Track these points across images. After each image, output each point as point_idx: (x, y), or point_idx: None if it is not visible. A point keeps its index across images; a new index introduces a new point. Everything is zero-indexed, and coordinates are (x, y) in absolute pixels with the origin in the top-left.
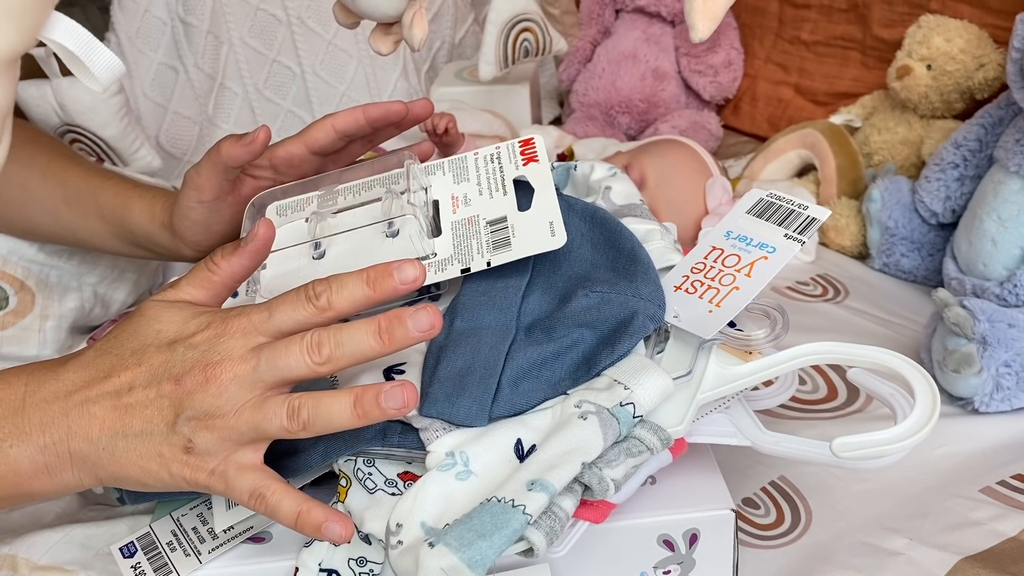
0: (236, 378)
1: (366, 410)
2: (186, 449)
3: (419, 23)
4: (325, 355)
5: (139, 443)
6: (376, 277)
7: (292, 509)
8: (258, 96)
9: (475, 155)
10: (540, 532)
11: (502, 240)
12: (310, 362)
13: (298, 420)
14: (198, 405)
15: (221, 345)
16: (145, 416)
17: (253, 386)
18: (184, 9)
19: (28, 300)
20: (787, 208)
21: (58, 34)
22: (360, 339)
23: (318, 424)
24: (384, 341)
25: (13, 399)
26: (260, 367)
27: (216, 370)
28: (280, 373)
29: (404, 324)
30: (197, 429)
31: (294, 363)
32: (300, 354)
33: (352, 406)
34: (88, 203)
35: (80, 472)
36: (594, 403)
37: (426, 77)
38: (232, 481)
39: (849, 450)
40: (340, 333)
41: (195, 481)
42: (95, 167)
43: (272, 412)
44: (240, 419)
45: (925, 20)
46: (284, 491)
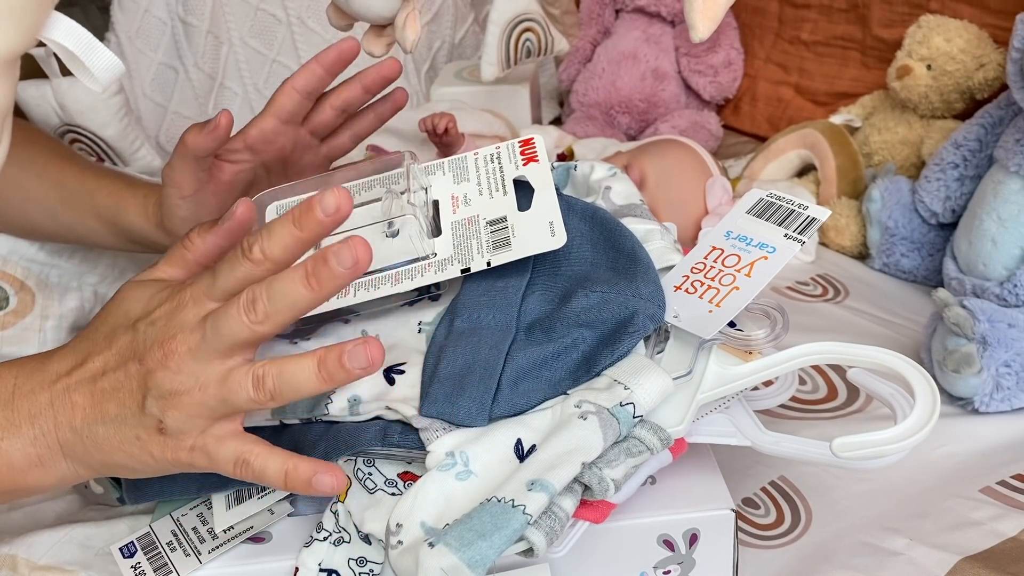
0: (190, 351)
1: (331, 372)
2: (159, 430)
3: (412, 25)
4: (261, 312)
5: (117, 428)
6: (300, 215)
7: (278, 469)
8: (258, 96)
9: (475, 155)
10: (540, 532)
11: (502, 240)
12: (247, 321)
13: (264, 389)
14: (160, 383)
15: (175, 319)
16: (118, 400)
17: (208, 356)
18: (184, 9)
19: (28, 300)
20: (787, 208)
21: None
22: (289, 288)
23: (285, 391)
24: (312, 285)
25: (3, 392)
26: (207, 335)
27: (172, 344)
28: (226, 339)
29: (328, 263)
30: (165, 408)
31: (235, 325)
32: (238, 315)
33: (316, 369)
34: (84, 203)
35: (73, 463)
36: (594, 403)
37: (426, 77)
38: (213, 453)
39: (849, 450)
40: (272, 286)
41: (177, 460)
42: (91, 166)
43: (237, 384)
44: (207, 394)
45: (925, 20)
46: (267, 452)
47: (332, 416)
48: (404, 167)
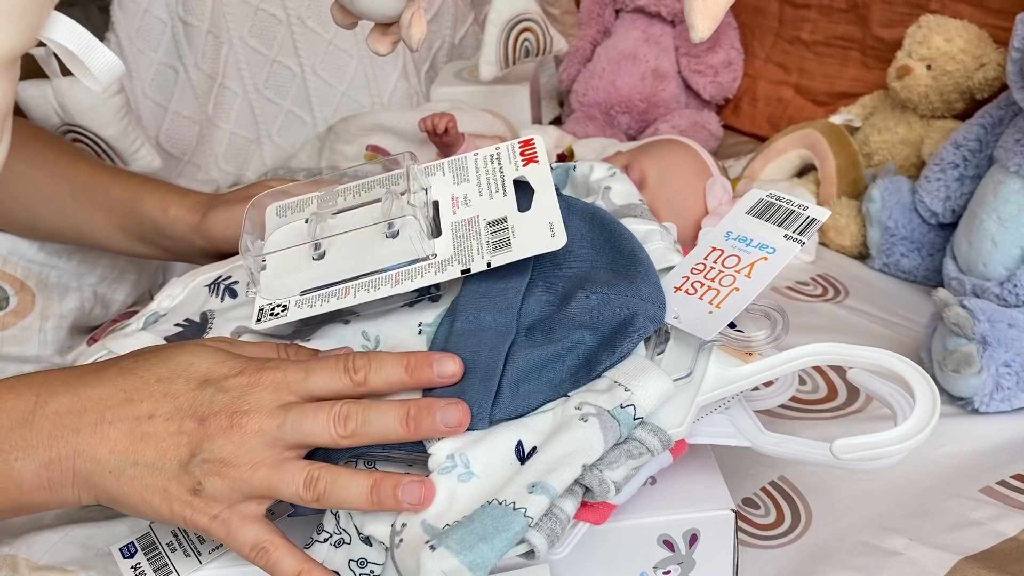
0: (260, 432)
1: (381, 498)
2: (194, 491)
3: (417, 23)
4: (350, 429)
5: (147, 474)
6: (416, 365)
7: (293, 568)
8: (258, 96)
9: (475, 156)
10: (541, 534)
11: (502, 241)
12: (334, 433)
13: (314, 491)
14: (216, 450)
15: (252, 395)
16: (160, 449)
17: (274, 443)
18: (184, 9)
19: (28, 300)
20: (787, 208)
21: (58, 34)
22: (387, 422)
23: (332, 499)
24: (410, 428)
25: (23, 409)
26: (285, 426)
27: (243, 419)
28: (303, 436)
29: (432, 416)
30: (209, 473)
31: (319, 430)
32: (327, 423)
33: (368, 491)
34: (97, 197)
35: (80, 490)
36: (595, 405)
37: (426, 77)
38: (235, 530)
39: (849, 452)
40: (369, 411)
41: (194, 523)
42: (102, 164)
43: (290, 477)
44: (256, 474)
45: (925, 20)
46: (287, 548)
47: None
48: (404, 168)
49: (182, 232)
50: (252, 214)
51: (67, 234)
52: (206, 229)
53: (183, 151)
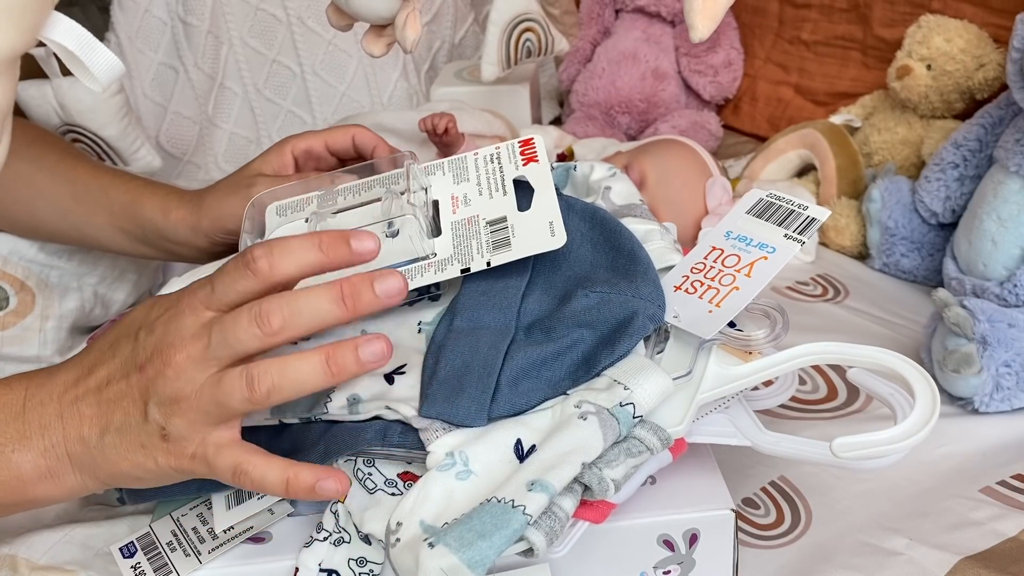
0: (190, 358)
1: (341, 367)
2: (163, 436)
3: (412, 25)
4: (277, 324)
5: (122, 437)
6: (329, 242)
7: (279, 478)
8: (258, 96)
9: (475, 155)
10: (540, 532)
11: (502, 240)
12: (261, 332)
13: (259, 389)
14: (161, 391)
15: (172, 326)
16: (123, 408)
17: (208, 364)
18: (184, 9)
19: (28, 300)
20: (787, 208)
21: (58, 34)
22: (320, 305)
23: (286, 388)
24: (347, 306)
25: (14, 403)
26: (212, 344)
27: (171, 353)
28: (232, 348)
29: (369, 287)
30: (167, 415)
31: (244, 336)
32: (249, 326)
33: (325, 365)
34: (98, 199)
35: (82, 474)
36: (594, 403)
37: (426, 77)
38: (212, 462)
39: (849, 450)
40: (296, 300)
41: (180, 467)
42: (104, 166)
43: (230, 386)
44: (202, 399)
45: (925, 20)
46: (266, 462)
47: (331, 415)
48: (404, 167)
49: (184, 234)
50: (252, 213)
51: (68, 235)
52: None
53: (183, 151)
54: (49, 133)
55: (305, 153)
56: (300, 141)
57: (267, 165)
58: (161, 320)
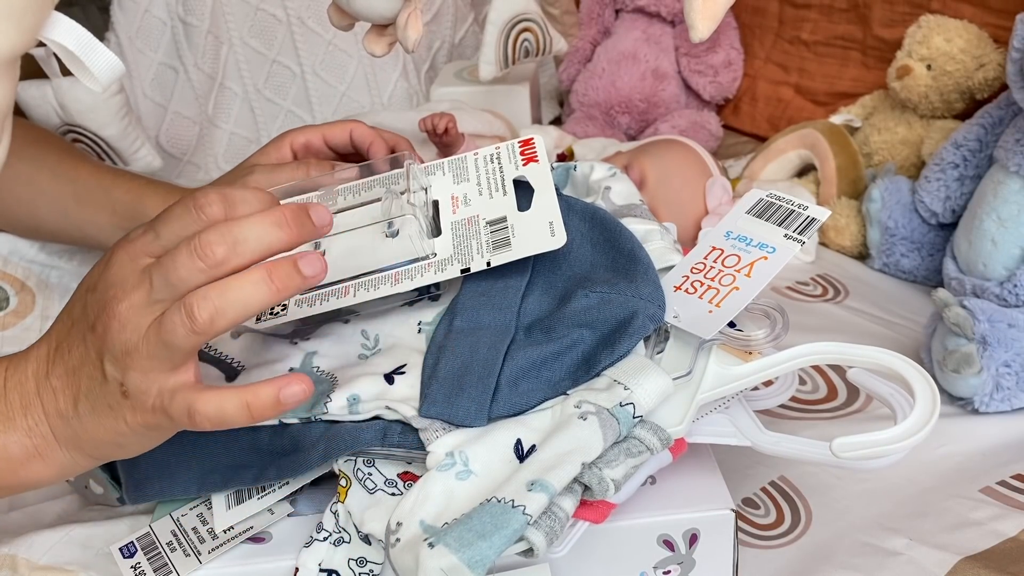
0: (132, 307)
1: (285, 282)
2: (123, 393)
3: (413, 24)
4: (221, 255)
5: (92, 402)
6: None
7: (238, 404)
8: (258, 96)
9: (475, 155)
10: (540, 532)
11: (502, 240)
12: (204, 266)
13: (202, 316)
14: (112, 346)
15: (111, 278)
16: (87, 373)
17: (152, 309)
18: (184, 9)
19: (29, 301)
20: (787, 208)
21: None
22: (263, 232)
23: (230, 312)
24: (292, 231)
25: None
26: (154, 288)
27: (114, 305)
28: (175, 288)
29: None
30: (123, 370)
31: (185, 272)
32: (190, 260)
33: (268, 281)
34: (100, 199)
35: (69, 450)
36: (594, 403)
37: (426, 77)
38: (168, 409)
39: (849, 450)
40: (235, 228)
41: (147, 423)
42: (105, 165)
43: (171, 322)
44: (149, 344)
45: (925, 20)
46: (219, 394)
47: (331, 415)
48: (404, 167)
49: None
50: None
51: (70, 235)
52: None
53: (183, 151)
54: (50, 133)
55: (304, 147)
56: (299, 135)
57: (265, 157)
58: (101, 276)
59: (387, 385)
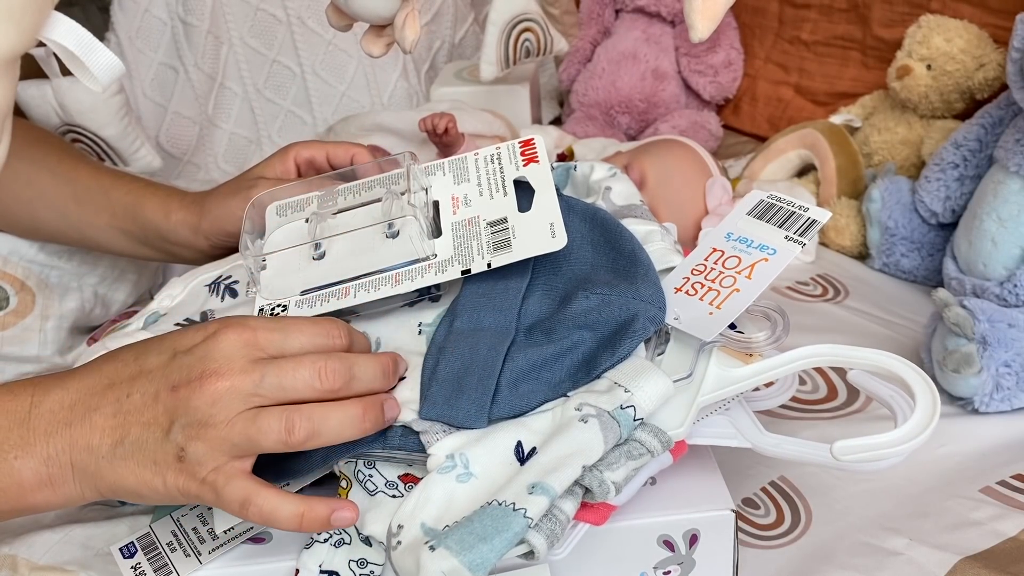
0: (233, 388)
1: (373, 422)
2: (179, 457)
3: (411, 25)
4: (338, 385)
5: (135, 451)
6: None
7: (292, 512)
8: (258, 96)
9: (475, 156)
10: (541, 535)
11: (502, 241)
12: (319, 387)
13: (299, 434)
14: (192, 413)
15: (217, 353)
16: (142, 423)
17: (250, 399)
18: (184, 9)
19: (29, 300)
20: (788, 210)
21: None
22: (373, 375)
23: (323, 437)
24: (391, 379)
25: (19, 410)
26: (264, 382)
27: (213, 379)
28: (284, 393)
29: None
30: (190, 438)
31: (301, 386)
32: (311, 378)
33: (361, 418)
34: (99, 200)
35: (81, 485)
36: (594, 406)
37: (426, 77)
38: (222, 490)
39: (849, 453)
40: (356, 366)
41: (187, 490)
42: (104, 167)
43: (268, 426)
44: (233, 430)
45: (925, 20)
46: (279, 497)
47: None
48: (404, 168)
49: (184, 236)
50: (252, 213)
51: (69, 236)
52: (203, 227)
53: (183, 151)
54: (50, 134)
55: (307, 162)
56: (304, 149)
57: (270, 169)
58: (205, 345)
59: None
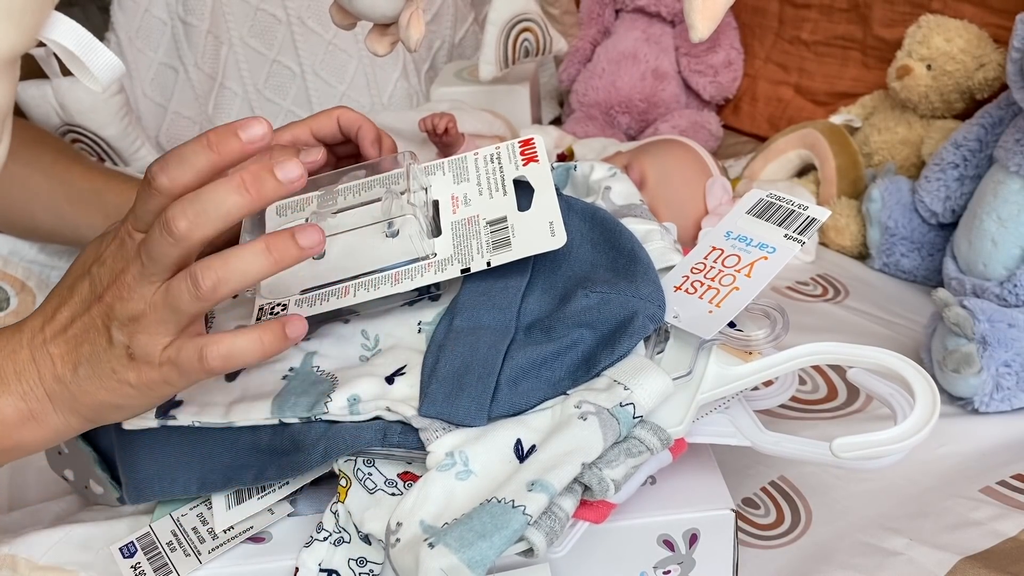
0: (135, 278)
1: (282, 254)
2: (129, 356)
3: (416, 24)
4: (184, 227)
5: (94, 366)
6: (217, 139)
7: (250, 339)
8: (258, 96)
9: (475, 155)
10: (540, 532)
11: (502, 240)
12: (172, 240)
13: (205, 284)
14: (120, 313)
15: (119, 254)
16: (90, 340)
17: (150, 280)
18: (184, 9)
19: (29, 301)
20: (787, 208)
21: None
22: (222, 198)
23: (232, 279)
24: (252, 194)
25: None
26: (144, 264)
27: (122, 276)
28: (158, 262)
29: (271, 175)
30: (130, 334)
31: (160, 247)
32: (161, 237)
33: (266, 252)
34: (92, 201)
35: (64, 413)
36: (594, 403)
37: (426, 77)
38: (179, 360)
39: (849, 450)
40: (197, 198)
41: (152, 380)
42: (99, 167)
43: (177, 289)
44: (156, 311)
45: (925, 20)
46: (231, 335)
47: (332, 415)
48: (404, 167)
49: None
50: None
51: (65, 236)
52: None
53: None
54: (46, 134)
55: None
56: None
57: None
58: (109, 251)
59: (387, 386)
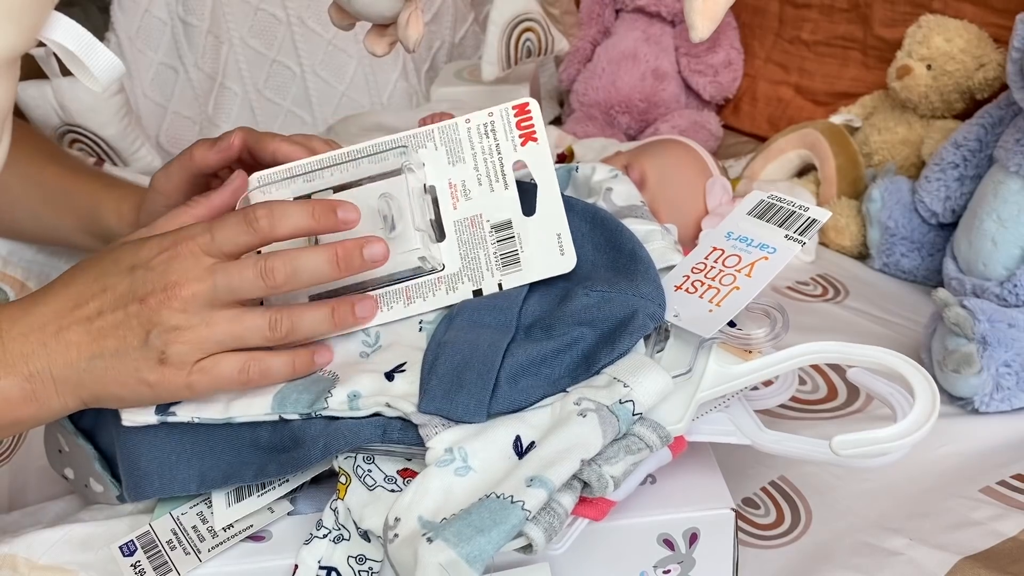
0: (195, 296)
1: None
2: (160, 361)
3: (415, 24)
4: (280, 279)
5: (116, 361)
6: (320, 211)
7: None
8: (258, 96)
9: (467, 124)
10: (539, 528)
11: (510, 255)
12: (264, 285)
13: (280, 329)
14: (166, 320)
15: (174, 266)
16: (118, 336)
17: (211, 303)
18: (184, 9)
19: None
20: (788, 209)
21: (58, 34)
22: (317, 265)
23: (301, 331)
24: (341, 267)
25: None
26: (216, 287)
27: (176, 289)
28: (235, 294)
29: (359, 252)
30: (169, 342)
31: (248, 286)
32: (255, 278)
33: (331, 315)
34: (64, 202)
35: (64, 396)
36: (593, 400)
37: (426, 77)
38: (214, 370)
39: (849, 448)
40: (297, 259)
41: (173, 384)
42: (74, 166)
43: (252, 324)
44: (215, 329)
45: (925, 20)
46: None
47: (332, 411)
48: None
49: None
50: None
51: (45, 236)
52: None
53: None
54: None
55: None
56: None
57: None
58: (160, 260)
59: (387, 382)
